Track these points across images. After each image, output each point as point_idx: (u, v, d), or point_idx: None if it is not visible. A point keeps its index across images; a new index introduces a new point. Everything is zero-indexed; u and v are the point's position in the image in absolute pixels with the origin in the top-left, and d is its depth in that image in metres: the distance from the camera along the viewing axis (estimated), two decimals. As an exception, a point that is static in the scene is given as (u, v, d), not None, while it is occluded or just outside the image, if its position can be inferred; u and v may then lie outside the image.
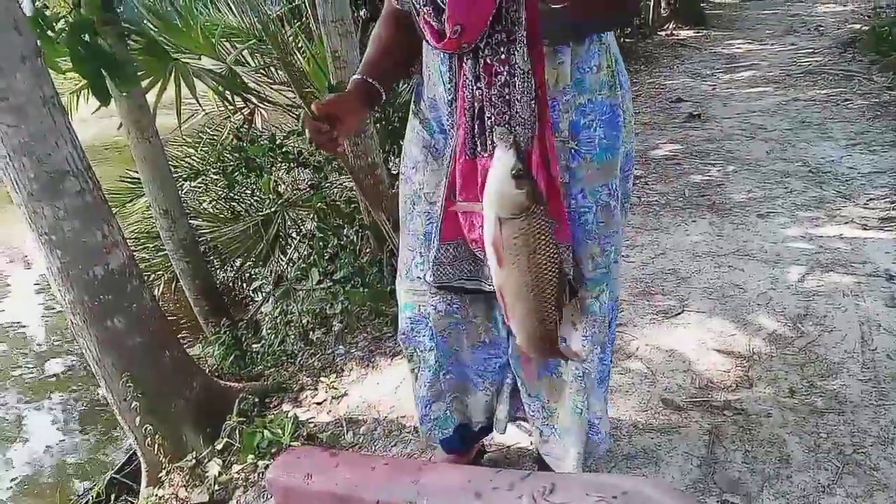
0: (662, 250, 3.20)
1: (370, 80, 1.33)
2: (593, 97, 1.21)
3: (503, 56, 1.06)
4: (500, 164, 0.85)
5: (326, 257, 3.28)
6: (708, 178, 4.06)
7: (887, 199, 3.42)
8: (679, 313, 2.68)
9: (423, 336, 1.52)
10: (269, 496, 2.04)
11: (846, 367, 2.25)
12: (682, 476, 1.88)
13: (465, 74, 1.11)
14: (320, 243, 3.19)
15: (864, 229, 3.15)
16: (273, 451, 2.18)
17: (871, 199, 3.45)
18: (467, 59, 1.09)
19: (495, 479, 0.73)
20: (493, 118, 1.08)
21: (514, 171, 0.83)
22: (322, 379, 2.66)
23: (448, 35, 1.07)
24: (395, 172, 4.57)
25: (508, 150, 0.84)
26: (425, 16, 1.13)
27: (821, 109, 5.07)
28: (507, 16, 1.03)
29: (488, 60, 1.07)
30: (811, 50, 7.02)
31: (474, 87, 1.10)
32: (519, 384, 1.59)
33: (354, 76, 1.36)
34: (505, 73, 1.06)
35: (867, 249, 2.97)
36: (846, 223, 3.24)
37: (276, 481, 0.87)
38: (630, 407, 2.16)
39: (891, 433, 1.94)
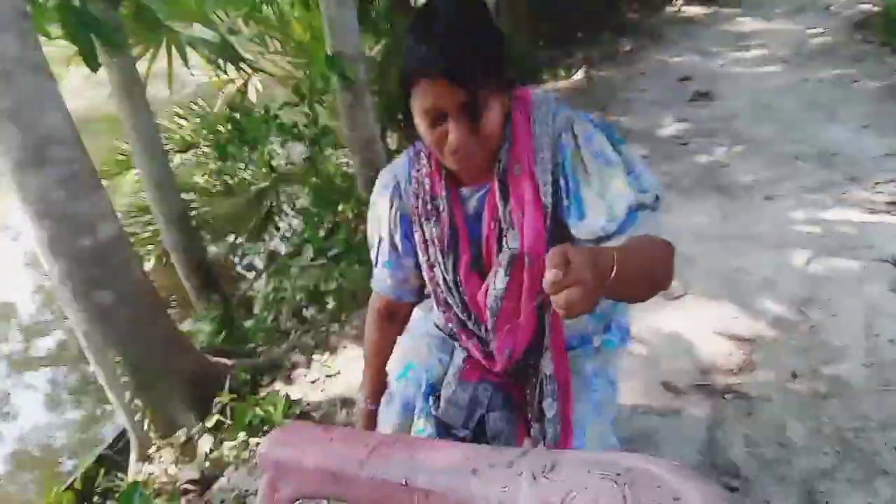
0: (667, 231, 3.13)
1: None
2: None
3: (532, 362, 1.22)
4: None
5: (322, 233, 3.23)
6: (714, 158, 3.98)
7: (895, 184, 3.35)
8: (682, 296, 2.63)
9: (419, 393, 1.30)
10: (261, 473, 2.01)
11: (850, 352, 2.20)
12: (681, 459, 1.84)
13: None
14: (315, 219, 3.12)
15: (872, 213, 3.09)
16: (265, 428, 2.15)
17: (878, 183, 3.37)
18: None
19: (493, 456, 0.70)
20: (532, 416, 1.23)
21: None
22: (315, 357, 2.62)
23: (501, 364, 1.22)
24: (392, 148, 4.52)
25: None
26: (473, 349, 1.25)
27: (830, 91, 4.96)
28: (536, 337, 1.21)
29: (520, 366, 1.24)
30: (822, 30, 6.87)
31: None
32: None
33: (364, 406, 1.45)
34: (533, 379, 1.22)
35: (874, 234, 2.90)
36: (853, 207, 3.17)
37: (268, 456, 0.84)
38: (630, 390, 2.12)
39: (893, 419, 1.90)
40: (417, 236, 1.24)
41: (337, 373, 2.51)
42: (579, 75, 6.13)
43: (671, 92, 5.42)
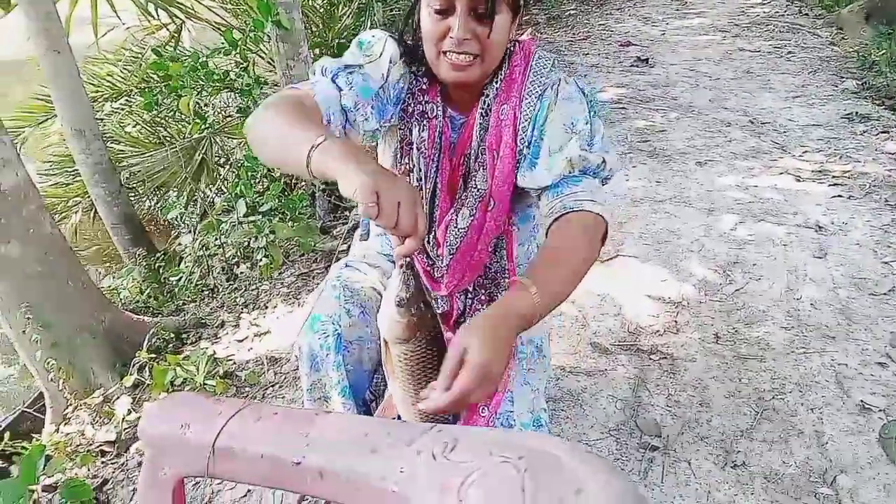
0: (607, 200, 3.14)
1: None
2: None
3: (483, 294, 1.29)
4: (389, 289, 0.86)
5: (258, 189, 3.10)
6: (651, 123, 4.02)
7: (822, 152, 3.45)
8: (613, 258, 2.66)
9: (328, 344, 1.18)
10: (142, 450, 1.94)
11: (771, 315, 2.28)
12: (605, 418, 1.88)
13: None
14: (249, 173, 2.99)
15: (798, 181, 3.18)
16: (187, 389, 2.07)
17: (805, 152, 3.48)
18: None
19: (395, 432, 0.66)
20: None
21: (397, 300, 0.85)
22: (244, 315, 2.53)
23: (447, 291, 1.27)
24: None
25: (398, 278, 0.85)
26: (418, 264, 1.24)
27: (765, 61, 5.07)
28: (490, 270, 1.26)
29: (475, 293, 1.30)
30: (759, 1, 7.00)
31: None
32: None
33: (328, 139, 0.88)
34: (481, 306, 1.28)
35: (799, 201, 3.00)
36: (781, 174, 3.26)
37: (148, 431, 0.76)
38: (560, 350, 2.14)
39: (809, 380, 1.98)
40: (401, 133, 1.18)
41: (266, 332, 2.44)
42: (525, 37, 6.07)
43: (612, 57, 5.43)
